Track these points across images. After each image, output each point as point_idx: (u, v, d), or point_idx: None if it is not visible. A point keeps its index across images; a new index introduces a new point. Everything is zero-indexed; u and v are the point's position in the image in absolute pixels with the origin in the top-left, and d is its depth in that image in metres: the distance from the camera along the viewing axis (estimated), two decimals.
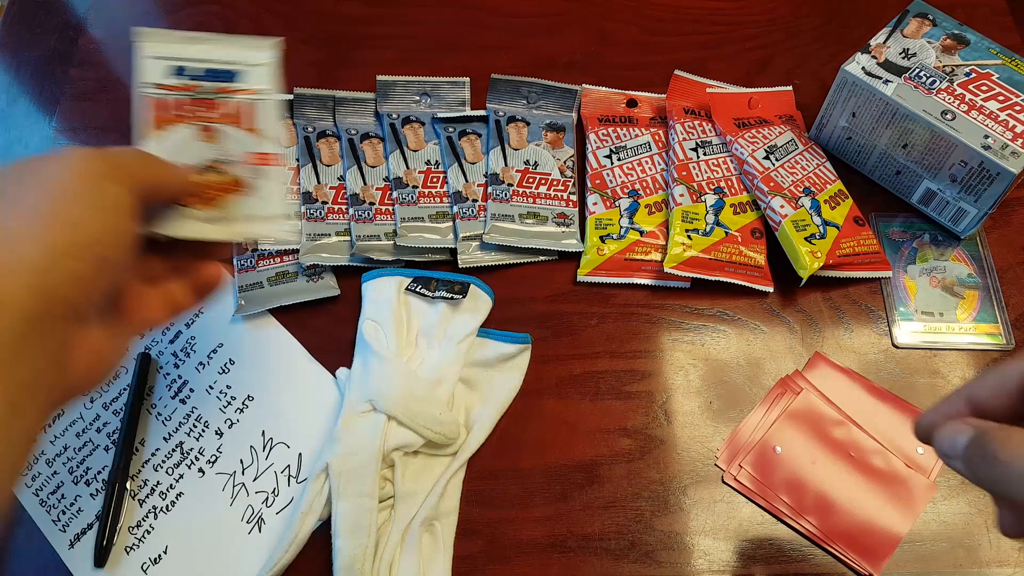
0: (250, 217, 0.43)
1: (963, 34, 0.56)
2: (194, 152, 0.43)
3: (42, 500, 0.51)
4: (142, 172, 0.36)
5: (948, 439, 0.32)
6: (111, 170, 0.34)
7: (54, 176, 0.32)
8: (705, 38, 0.68)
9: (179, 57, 0.45)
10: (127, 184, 0.34)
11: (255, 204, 0.44)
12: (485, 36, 0.69)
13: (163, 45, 0.45)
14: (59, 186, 0.32)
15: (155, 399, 0.54)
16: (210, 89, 0.44)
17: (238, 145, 0.44)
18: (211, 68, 0.44)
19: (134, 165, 0.36)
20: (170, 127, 0.43)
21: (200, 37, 0.45)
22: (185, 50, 0.45)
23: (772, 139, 0.60)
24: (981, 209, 0.55)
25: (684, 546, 0.49)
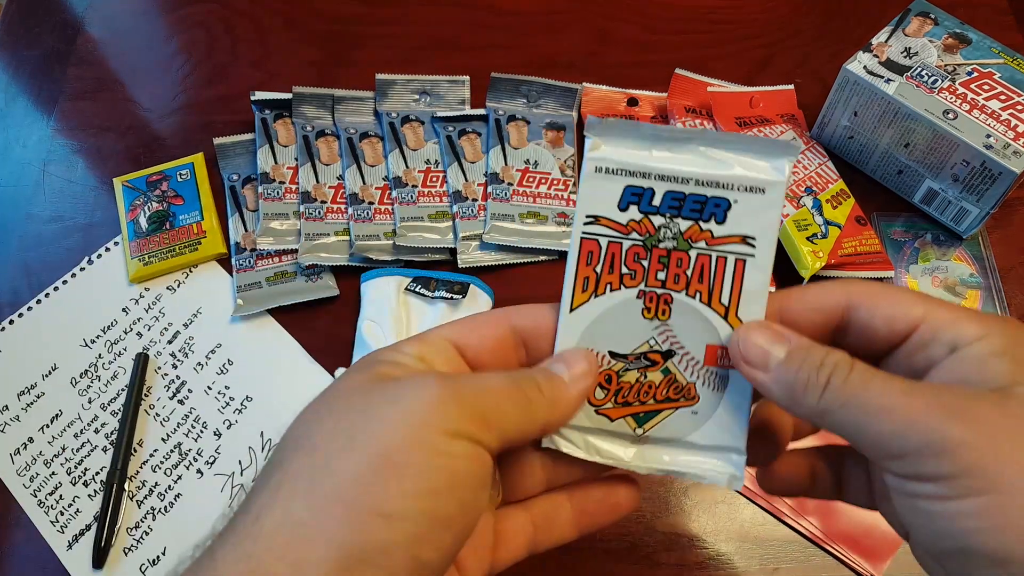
0: (691, 445, 0.30)
1: (965, 33, 0.56)
2: (628, 334, 0.29)
3: (40, 501, 0.51)
4: (508, 420, 0.26)
5: (759, 349, 0.27)
6: (467, 420, 0.25)
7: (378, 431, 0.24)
8: (706, 37, 0.68)
9: (643, 170, 0.28)
10: (486, 439, 0.25)
11: (700, 426, 0.29)
12: (485, 35, 0.69)
13: (622, 147, 0.28)
14: (382, 450, 0.24)
15: (153, 399, 0.54)
16: (678, 231, 0.29)
17: (698, 330, 0.29)
18: (694, 194, 0.28)
19: (500, 409, 0.26)
20: (605, 293, 0.29)
21: (676, 134, 0.28)
22: (653, 157, 0.28)
23: (773, 138, 0.60)
24: (983, 209, 0.54)
25: (685, 547, 0.49)
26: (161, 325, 0.57)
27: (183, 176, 0.61)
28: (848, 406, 0.25)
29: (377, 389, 0.25)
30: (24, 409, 0.54)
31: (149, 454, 0.52)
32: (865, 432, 0.25)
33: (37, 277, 0.59)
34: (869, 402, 0.25)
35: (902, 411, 0.24)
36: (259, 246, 0.57)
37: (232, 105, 0.65)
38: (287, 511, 0.23)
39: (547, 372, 0.28)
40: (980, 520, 0.23)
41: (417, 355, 0.28)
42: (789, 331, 0.28)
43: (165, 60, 0.68)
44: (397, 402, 0.25)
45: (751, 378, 0.28)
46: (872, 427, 0.24)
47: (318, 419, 0.25)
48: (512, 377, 0.27)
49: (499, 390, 0.27)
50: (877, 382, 0.25)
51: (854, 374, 0.25)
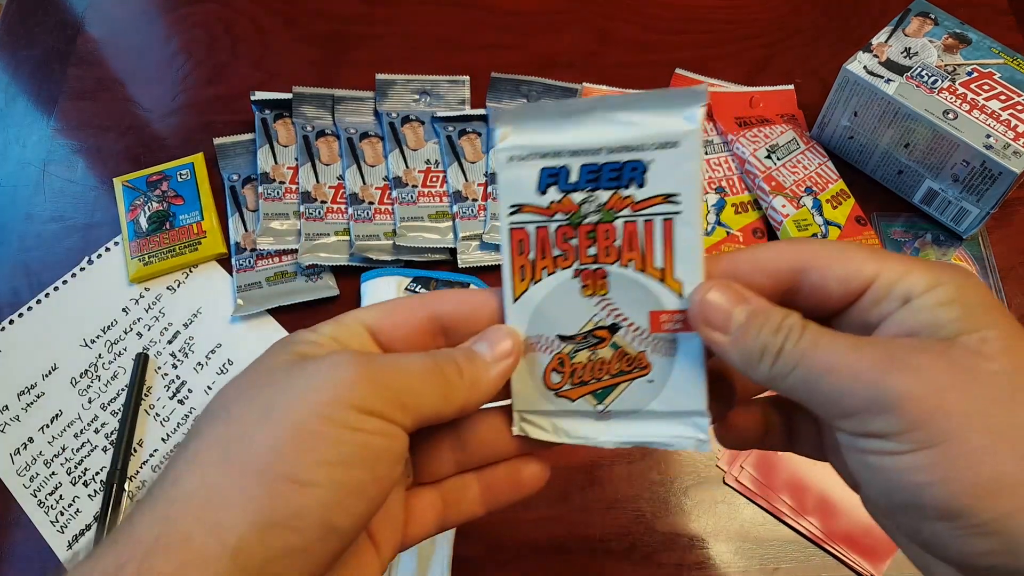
0: (653, 414, 0.29)
1: (965, 33, 0.56)
2: (572, 315, 0.29)
3: (40, 501, 0.51)
4: (423, 402, 0.27)
5: (719, 310, 0.26)
6: (381, 399, 0.26)
7: (294, 405, 0.25)
8: (706, 37, 0.68)
9: (554, 149, 0.28)
10: (399, 418, 0.26)
11: (659, 394, 0.29)
12: (485, 35, 0.69)
13: (529, 132, 0.28)
14: (296, 422, 0.24)
15: (153, 399, 0.54)
16: (600, 203, 0.28)
17: (638, 299, 0.29)
18: (608, 162, 0.28)
19: (416, 390, 0.27)
20: (542, 278, 0.29)
21: (579, 106, 0.28)
22: (561, 135, 0.28)
23: (773, 138, 0.60)
24: (983, 209, 0.54)
25: (685, 547, 0.49)
26: (161, 325, 0.57)
27: (183, 176, 0.61)
28: (798, 368, 0.25)
29: (296, 366, 0.26)
30: (24, 409, 0.54)
31: (149, 454, 0.52)
32: (814, 393, 0.25)
33: (37, 277, 0.59)
34: (817, 362, 0.24)
35: (848, 368, 0.24)
36: (259, 246, 0.57)
37: (232, 105, 0.65)
38: (204, 477, 0.24)
39: (469, 352, 0.29)
40: (928, 474, 0.23)
41: (332, 336, 0.28)
42: (748, 291, 0.27)
43: (165, 60, 0.68)
44: (313, 378, 0.25)
45: (710, 340, 0.27)
46: (821, 387, 0.24)
47: (238, 393, 0.26)
48: (432, 358, 0.28)
49: (416, 372, 0.27)
50: (825, 341, 0.25)
51: (805, 335, 0.25)
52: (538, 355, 0.30)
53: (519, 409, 0.30)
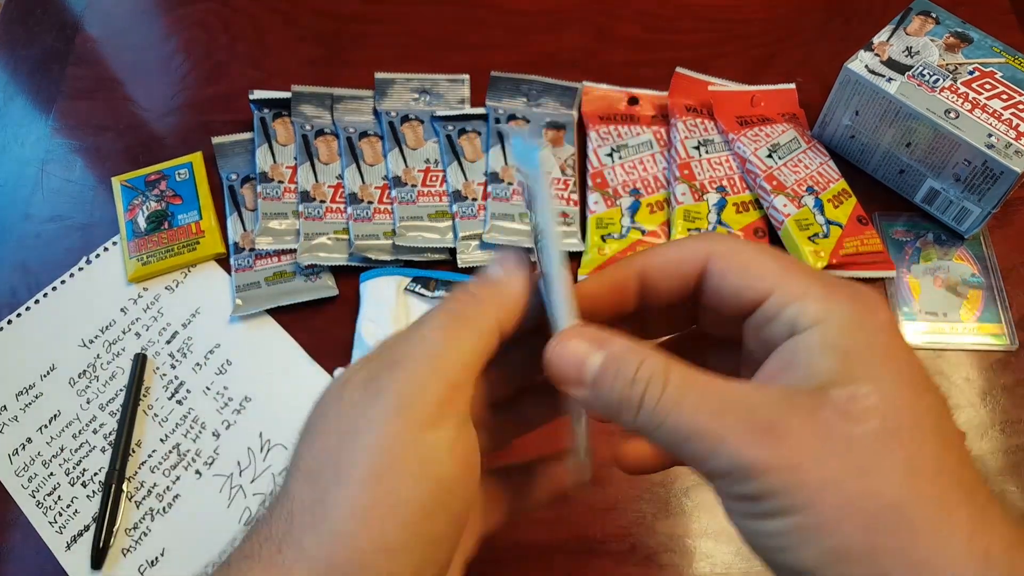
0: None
1: (966, 32, 0.56)
2: None
3: (39, 502, 0.50)
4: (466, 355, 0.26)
5: (573, 361, 0.26)
6: (437, 406, 0.25)
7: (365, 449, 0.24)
8: (707, 36, 0.68)
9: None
10: (463, 412, 0.26)
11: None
12: (485, 33, 0.68)
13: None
14: (372, 474, 0.24)
15: (152, 400, 0.54)
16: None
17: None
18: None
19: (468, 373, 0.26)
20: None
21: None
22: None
23: (775, 137, 0.60)
24: (985, 208, 0.54)
25: (686, 549, 0.48)
26: (160, 325, 0.56)
27: (181, 176, 0.61)
28: (662, 428, 0.24)
29: (358, 395, 0.26)
30: (22, 409, 0.53)
31: (148, 455, 0.52)
32: (681, 452, 0.24)
33: (35, 277, 0.59)
34: (681, 424, 0.24)
35: (712, 434, 0.23)
36: (258, 246, 0.57)
37: (231, 104, 0.65)
38: (300, 547, 0.24)
39: (478, 276, 0.29)
40: (782, 539, 0.23)
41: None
42: (608, 336, 0.26)
43: (163, 59, 0.68)
44: (372, 405, 0.25)
45: (571, 394, 0.26)
46: (687, 449, 0.24)
47: (314, 438, 0.26)
48: (443, 311, 0.27)
49: (439, 338, 0.26)
50: (690, 399, 0.24)
51: (668, 390, 0.24)
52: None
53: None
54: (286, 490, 0.25)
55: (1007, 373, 0.53)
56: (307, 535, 0.24)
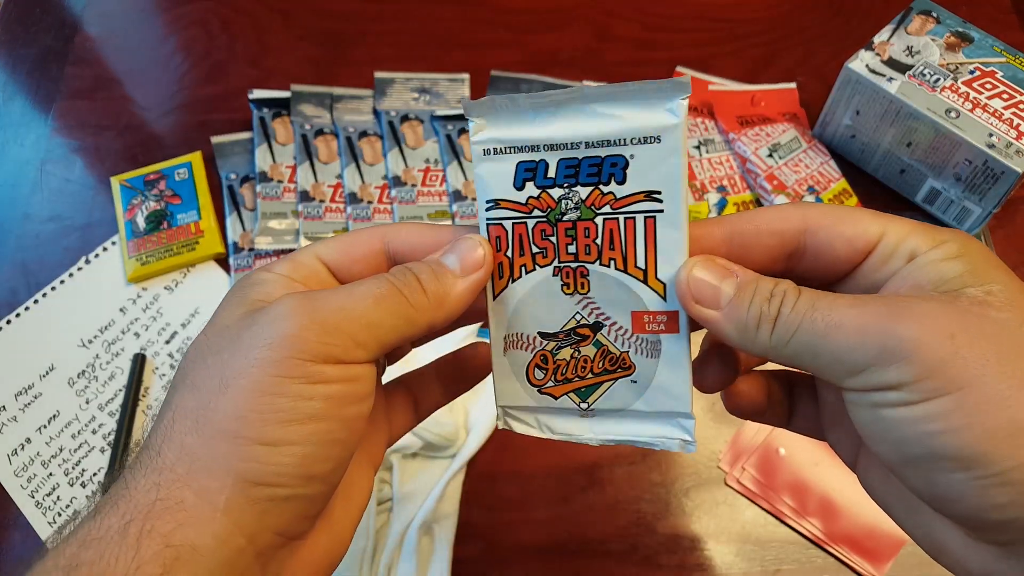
0: (637, 414, 0.29)
1: (967, 31, 0.56)
2: (554, 312, 0.28)
3: (38, 502, 0.50)
4: (382, 330, 0.26)
5: (707, 285, 0.26)
6: (332, 344, 0.25)
7: (248, 369, 0.25)
8: (707, 35, 0.68)
9: (530, 142, 0.26)
10: (358, 355, 0.26)
11: (643, 394, 0.29)
12: (485, 32, 0.68)
13: (504, 124, 0.27)
14: (254, 386, 0.24)
15: (151, 400, 0.54)
16: (580, 200, 0.27)
17: (620, 298, 0.28)
18: (588, 157, 0.26)
19: (371, 322, 0.26)
20: (521, 276, 0.28)
21: (557, 98, 0.26)
22: (538, 127, 0.26)
23: (775, 137, 0.59)
24: (985, 208, 0.54)
25: (686, 549, 0.48)
26: (159, 325, 0.56)
27: (181, 175, 0.61)
28: (800, 332, 0.24)
29: (247, 322, 0.26)
30: (22, 410, 0.53)
31: None
32: (821, 354, 0.24)
33: (35, 277, 0.59)
34: (818, 323, 0.24)
35: (853, 323, 0.23)
36: (257, 245, 0.57)
37: (230, 103, 0.65)
38: (182, 447, 0.24)
39: (435, 266, 0.28)
40: (944, 422, 0.22)
41: (287, 275, 0.28)
42: (734, 264, 0.26)
43: (163, 59, 0.68)
44: (262, 335, 0.25)
45: (701, 318, 0.26)
46: (827, 347, 0.23)
47: (199, 357, 0.26)
48: (389, 281, 0.27)
49: (370, 301, 0.26)
50: (825, 302, 0.24)
51: (802, 299, 0.24)
52: (520, 352, 0.29)
53: (502, 404, 0.30)
54: (168, 403, 0.26)
55: None
56: (188, 435, 0.24)
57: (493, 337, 0.29)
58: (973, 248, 0.25)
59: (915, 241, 0.25)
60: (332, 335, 0.25)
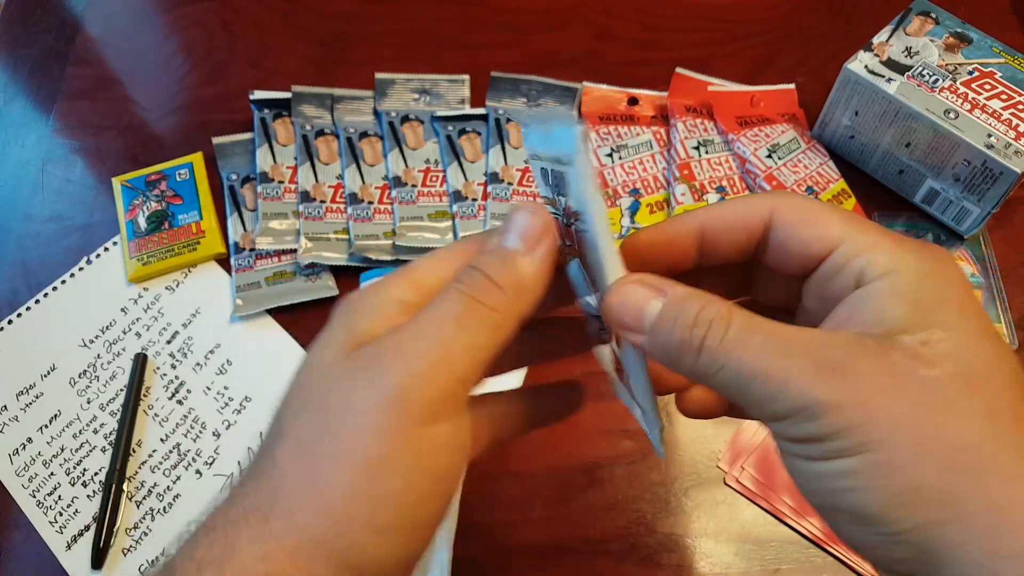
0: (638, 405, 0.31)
1: (966, 32, 0.56)
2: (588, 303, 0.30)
3: (39, 501, 0.50)
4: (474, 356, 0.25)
5: (631, 308, 0.25)
6: (439, 396, 0.24)
7: (361, 436, 0.24)
8: (707, 36, 0.68)
9: (535, 152, 0.27)
10: (461, 395, 0.25)
11: (635, 394, 0.31)
12: (485, 33, 0.68)
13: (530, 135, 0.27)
14: (368, 461, 0.24)
15: (152, 400, 0.54)
16: (563, 207, 0.28)
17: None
18: (554, 170, 0.27)
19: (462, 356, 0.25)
20: (567, 262, 0.29)
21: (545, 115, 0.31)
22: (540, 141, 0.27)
23: (774, 138, 0.60)
24: (984, 209, 0.54)
25: (686, 548, 0.49)
26: (160, 325, 0.56)
27: (182, 176, 0.61)
28: (725, 370, 0.23)
29: (349, 371, 0.25)
30: (23, 409, 0.53)
31: (148, 454, 0.52)
32: (743, 395, 0.23)
33: (36, 277, 0.59)
34: (744, 365, 0.23)
35: (777, 374, 0.22)
36: (258, 246, 0.57)
37: (231, 104, 0.65)
38: (290, 516, 0.24)
39: (500, 254, 0.26)
40: (850, 480, 0.22)
41: (400, 298, 0.26)
42: (666, 282, 0.25)
43: (164, 59, 0.68)
44: (366, 398, 0.24)
45: (629, 340, 0.26)
46: (750, 391, 0.23)
47: (302, 406, 0.25)
48: (460, 291, 0.25)
49: (451, 328, 0.24)
50: (754, 340, 0.23)
51: (731, 332, 0.23)
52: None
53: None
54: (272, 458, 0.25)
55: None
56: (298, 510, 0.24)
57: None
58: (929, 280, 0.24)
59: (868, 261, 0.24)
60: (433, 386, 0.24)
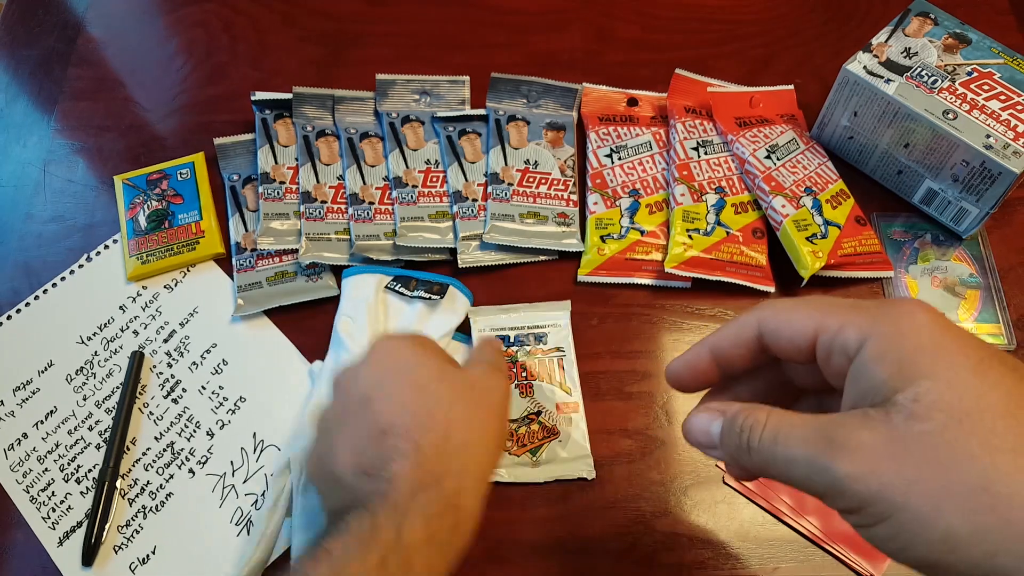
0: (564, 459, 0.50)
1: (965, 33, 0.56)
2: (516, 407, 0.51)
3: (32, 497, 0.50)
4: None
5: (701, 429, 0.31)
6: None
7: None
8: (706, 36, 0.68)
9: (501, 325, 0.54)
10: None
11: (566, 447, 0.50)
12: (485, 34, 0.69)
13: (487, 318, 0.54)
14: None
15: (147, 398, 0.54)
16: (526, 352, 0.53)
17: (549, 397, 0.52)
18: (530, 332, 0.54)
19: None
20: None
21: (511, 308, 0.54)
22: (503, 320, 0.54)
23: (773, 138, 0.60)
24: (983, 209, 0.54)
25: (685, 547, 0.48)
26: (157, 324, 0.56)
27: (183, 175, 0.61)
28: (769, 465, 0.28)
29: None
30: (19, 405, 0.53)
31: (142, 452, 0.52)
32: (793, 481, 0.27)
33: (37, 277, 0.59)
34: (779, 457, 0.27)
35: (803, 458, 0.26)
36: (260, 246, 0.57)
37: (232, 105, 0.65)
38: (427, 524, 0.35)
39: (482, 373, 0.41)
40: (894, 542, 0.25)
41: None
42: (721, 405, 0.31)
43: (165, 60, 0.68)
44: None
45: (709, 455, 0.32)
46: (790, 477, 0.27)
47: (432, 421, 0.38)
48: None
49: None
50: (783, 433, 0.27)
51: (765, 432, 0.28)
52: None
53: None
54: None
55: None
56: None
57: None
58: (901, 337, 0.26)
59: (843, 340, 0.27)
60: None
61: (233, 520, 0.49)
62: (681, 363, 0.34)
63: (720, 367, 0.33)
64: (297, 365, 0.54)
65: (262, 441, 0.52)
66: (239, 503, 0.50)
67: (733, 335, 0.32)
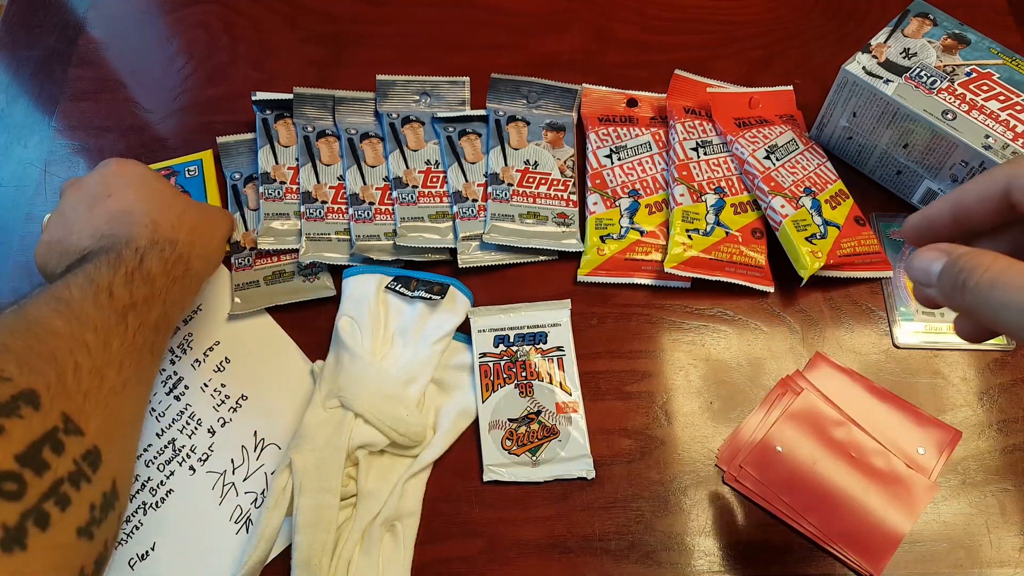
0: (563, 458, 0.51)
1: (964, 34, 0.56)
2: (516, 407, 0.52)
3: None
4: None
5: (922, 267, 0.32)
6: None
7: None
8: (706, 37, 0.68)
9: (501, 327, 0.54)
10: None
11: (565, 447, 0.51)
12: (485, 35, 0.69)
13: (487, 318, 0.55)
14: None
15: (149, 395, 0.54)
16: (526, 351, 0.54)
17: (549, 396, 0.52)
18: (529, 332, 0.54)
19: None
20: (497, 389, 0.53)
21: (511, 308, 0.55)
22: (504, 320, 0.54)
23: (773, 139, 0.60)
24: None
25: (684, 547, 0.48)
26: None
27: (191, 172, 0.61)
28: (981, 306, 0.29)
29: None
30: None
31: (143, 449, 0.52)
32: (1000, 326, 0.28)
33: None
34: (992, 302, 0.28)
35: (1017, 309, 0.27)
36: (260, 246, 0.57)
37: (233, 105, 0.65)
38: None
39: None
40: None
41: None
42: (949, 246, 0.31)
43: (166, 60, 0.68)
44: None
45: (927, 295, 0.32)
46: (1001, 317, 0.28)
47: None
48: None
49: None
50: (1002, 280, 0.28)
51: (985, 275, 0.28)
52: (497, 431, 0.52)
53: (488, 464, 0.51)
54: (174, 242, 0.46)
55: (1004, 372, 0.54)
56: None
57: (481, 423, 0.52)
58: None
59: None
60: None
61: (233, 518, 0.50)
62: (920, 216, 0.34)
63: (961, 224, 0.33)
64: (299, 364, 0.55)
65: (263, 440, 0.52)
66: (239, 501, 0.50)
67: (979, 190, 0.32)
